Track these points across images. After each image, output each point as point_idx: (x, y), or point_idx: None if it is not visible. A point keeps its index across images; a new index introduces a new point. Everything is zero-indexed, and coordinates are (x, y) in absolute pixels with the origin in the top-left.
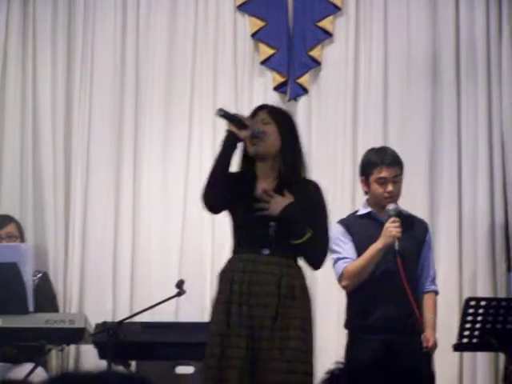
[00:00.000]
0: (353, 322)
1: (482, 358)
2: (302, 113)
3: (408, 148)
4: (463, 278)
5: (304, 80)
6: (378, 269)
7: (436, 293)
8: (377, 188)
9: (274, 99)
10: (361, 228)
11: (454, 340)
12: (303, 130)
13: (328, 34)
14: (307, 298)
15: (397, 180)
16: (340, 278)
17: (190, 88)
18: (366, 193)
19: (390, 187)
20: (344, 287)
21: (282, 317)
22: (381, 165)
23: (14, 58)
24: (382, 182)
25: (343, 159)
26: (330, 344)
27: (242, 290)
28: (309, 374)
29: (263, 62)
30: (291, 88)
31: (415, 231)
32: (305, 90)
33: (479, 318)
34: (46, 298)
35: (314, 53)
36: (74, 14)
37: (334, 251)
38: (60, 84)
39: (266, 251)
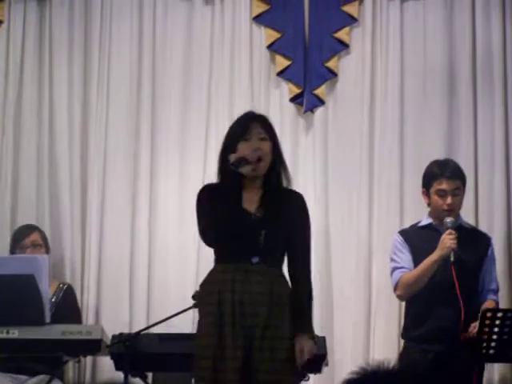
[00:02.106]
0: (407, 333)
1: (498, 370)
2: (318, 124)
3: (425, 159)
4: None
5: (320, 91)
6: (433, 279)
7: (497, 302)
8: (436, 200)
9: (290, 110)
10: (420, 239)
11: None
12: (320, 140)
13: (344, 45)
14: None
15: (457, 193)
16: (395, 288)
17: (206, 99)
18: (429, 205)
19: (449, 200)
20: (399, 296)
21: (273, 327)
22: (441, 177)
23: (30, 65)
24: (442, 194)
25: (360, 170)
26: (347, 355)
27: (233, 300)
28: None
29: (279, 74)
30: (307, 99)
31: (476, 244)
32: (321, 101)
33: (496, 330)
34: (70, 310)
35: (331, 64)
36: (90, 21)
37: (393, 260)
38: (76, 92)
39: (256, 259)
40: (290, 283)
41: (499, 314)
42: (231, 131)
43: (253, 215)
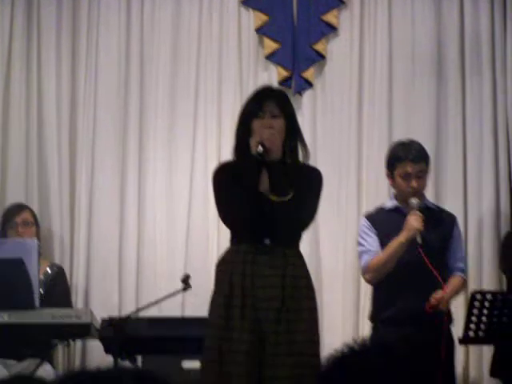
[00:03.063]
0: (376, 315)
1: (488, 352)
2: (306, 106)
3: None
4: (469, 271)
5: (309, 74)
6: (401, 261)
7: (464, 278)
8: (401, 183)
9: None
10: (386, 222)
11: (459, 334)
12: (308, 123)
13: (332, 28)
14: (311, 287)
15: (421, 175)
16: (364, 272)
17: (194, 83)
18: (392, 186)
19: (413, 183)
20: (368, 280)
21: (287, 309)
22: (405, 160)
23: (18, 50)
24: (407, 176)
25: (348, 152)
26: (335, 337)
27: (243, 283)
28: (317, 366)
29: (268, 57)
30: (296, 82)
31: (442, 224)
32: (309, 84)
33: (485, 312)
34: (61, 292)
35: (319, 46)
36: (78, 10)
37: (360, 244)
38: (65, 79)
39: (267, 241)
40: (306, 264)
41: (489, 297)
42: (245, 108)
43: (265, 195)
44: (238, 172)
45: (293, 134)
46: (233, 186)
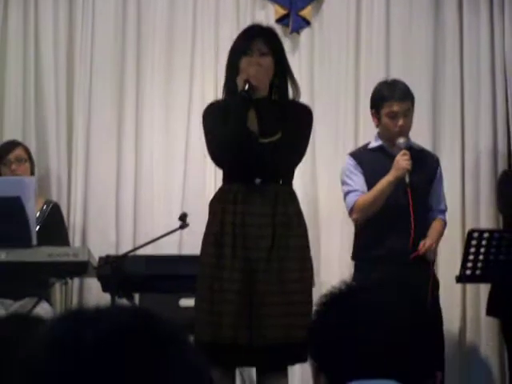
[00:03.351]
0: (360, 254)
1: (485, 290)
2: (304, 45)
3: (410, 83)
4: (466, 211)
5: (306, 12)
6: (387, 202)
7: (445, 222)
8: (387, 122)
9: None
10: (372, 161)
11: (456, 272)
12: (305, 62)
13: None
14: (303, 225)
15: (407, 114)
16: (351, 211)
17: (191, 22)
18: (377, 126)
19: (400, 121)
20: (354, 220)
21: (278, 247)
22: (391, 99)
23: (15, 3)
24: (393, 115)
25: (346, 92)
26: (333, 277)
27: (234, 221)
28: (308, 302)
29: None
30: (293, 20)
31: (426, 165)
32: (307, 23)
33: (482, 250)
34: (57, 229)
35: None
36: None
37: (345, 183)
38: (62, 21)
39: (258, 180)
40: (298, 202)
41: (486, 235)
42: (234, 46)
43: (254, 135)
44: (227, 111)
45: (281, 71)
46: (221, 126)
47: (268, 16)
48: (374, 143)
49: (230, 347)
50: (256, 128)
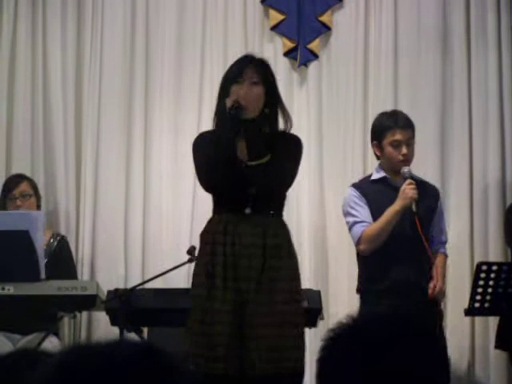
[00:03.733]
0: (365, 287)
1: (494, 323)
2: (312, 78)
3: (419, 114)
4: (474, 243)
5: (314, 45)
6: (395, 231)
7: (446, 256)
8: (391, 151)
9: (284, 65)
10: (375, 193)
11: (465, 305)
12: (314, 95)
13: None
14: (294, 257)
15: (410, 143)
16: (358, 242)
17: (200, 53)
18: (378, 158)
19: (404, 150)
20: (362, 251)
21: (267, 279)
22: (394, 128)
23: (24, 19)
24: (396, 144)
25: (353, 124)
26: (342, 309)
27: (225, 252)
28: (298, 335)
29: (273, 28)
30: (301, 53)
31: (427, 197)
32: (315, 56)
33: (491, 283)
34: (65, 262)
35: (324, 18)
36: None
37: (350, 214)
38: (70, 49)
39: (248, 210)
40: (289, 232)
41: (494, 267)
42: (226, 74)
43: (244, 164)
44: (218, 139)
45: (272, 102)
46: (211, 156)
47: (276, 49)
48: (377, 175)
49: (222, 378)
50: (245, 154)
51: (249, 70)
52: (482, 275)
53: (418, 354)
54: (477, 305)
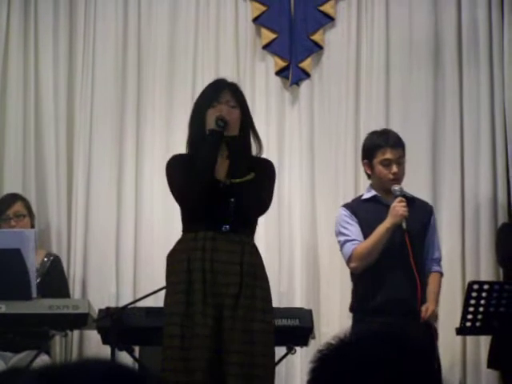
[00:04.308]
0: (358, 305)
1: (485, 343)
2: (304, 97)
3: (410, 131)
4: (466, 262)
5: (306, 64)
6: (385, 249)
7: (441, 274)
8: (381, 170)
9: (275, 84)
10: (366, 211)
11: (456, 324)
12: (305, 113)
13: (330, 18)
14: (266, 277)
15: (401, 161)
16: (349, 260)
17: (191, 74)
18: (369, 177)
19: (394, 168)
20: (353, 269)
21: (244, 296)
22: (385, 146)
23: (15, 39)
24: (387, 163)
25: (345, 143)
26: (334, 328)
27: (204, 268)
28: (270, 354)
29: (265, 47)
30: (293, 72)
31: (420, 213)
32: (307, 75)
33: (482, 302)
34: (58, 281)
35: (316, 37)
36: None
37: (341, 234)
38: (62, 63)
39: (226, 227)
40: (260, 254)
41: (486, 287)
42: (201, 98)
43: (221, 184)
44: (191, 164)
45: (246, 126)
46: (188, 176)
47: (268, 68)
48: (368, 194)
49: None
50: (224, 171)
51: (225, 94)
52: (474, 294)
53: (410, 373)
54: (468, 324)
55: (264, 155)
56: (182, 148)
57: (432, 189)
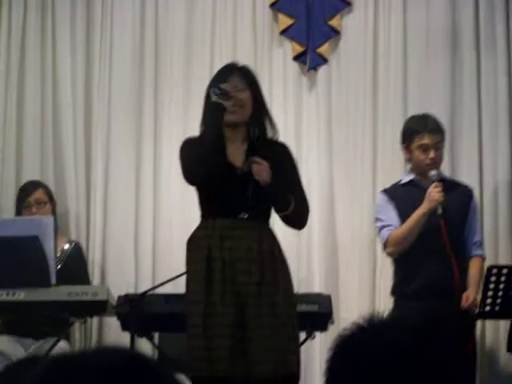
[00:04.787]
0: (396, 290)
1: (505, 327)
2: (321, 82)
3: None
4: (484, 246)
5: (323, 49)
6: (421, 235)
7: (482, 258)
8: (419, 155)
9: (293, 69)
10: (404, 196)
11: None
12: (323, 98)
13: (347, 3)
14: (285, 261)
15: (438, 147)
16: (385, 246)
17: (209, 60)
18: (409, 160)
19: (431, 154)
20: (389, 254)
21: (266, 283)
22: (422, 132)
23: (33, 23)
24: (425, 148)
25: (363, 127)
26: (353, 314)
27: (223, 257)
28: (294, 337)
29: (282, 32)
30: (311, 58)
31: (459, 197)
32: (324, 60)
33: (501, 286)
34: (78, 268)
35: (334, 22)
36: None
37: (378, 219)
38: (79, 53)
39: (244, 215)
40: (278, 240)
41: (505, 271)
42: (211, 83)
43: (239, 170)
44: (206, 145)
45: (259, 108)
46: (197, 155)
47: (285, 53)
48: (406, 178)
49: (226, 380)
50: (241, 158)
51: (234, 78)
52: (493, 278)
53: (429, 361)
54: (487, 308)
55: (281, 140)
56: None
57: (450, 173)
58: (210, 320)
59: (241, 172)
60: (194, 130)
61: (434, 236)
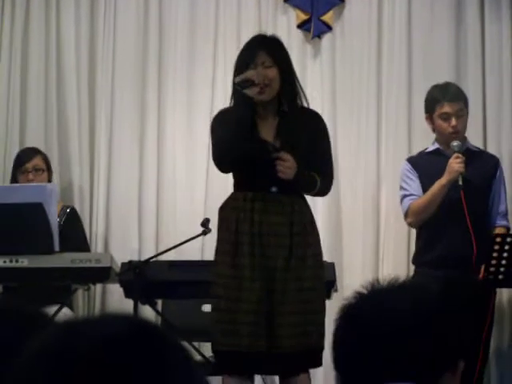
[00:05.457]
0: (416, 259)
1: (508, 295)
2: (325, 50)
3: (433, 83)
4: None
5: (328, 17)
6: (443, 204)
7: (507, 228)
8: (441, 124)
9: (297, 37)
10: (428, 164)
11: None
12: (327, 66)
13: None
14: (317, 233)
15: (461, 114)
16: (406, 215)
17: (213, 28)
18: (434, 130)
19: (453, 122)
20: (409, 224)
21: (295, 257)
22: (443, 100)
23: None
24: (446, 117)
25: (368, 95)
26: (356, 281)
27: (252, 231)
28: (321, 310)
29: (286, 0)
30: (315, 25)
31: (484, 166)
32: (329, 27)
33: (505, 255)
34: (75, 232)
35: None
36: None
37: (401, 188)
38: (84, 23)
39: (274, 189)
40: (311, 210)
41: (509, 239)
42: (239, 58)
43: (270, 146)
44: (237, 120)
45: (289, 81)
46: (235, 134)
47: (289, 21)
48: (432, 147)
49: (248, 355)
50: (272, 133)
51: (260, 55)
52: (496, 247)
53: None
54: (491, 277)
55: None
56: (203, 106)
57: None
58: (234, 293)
59: (272, 147)
60: (198, 101)
61: (454, 207)
